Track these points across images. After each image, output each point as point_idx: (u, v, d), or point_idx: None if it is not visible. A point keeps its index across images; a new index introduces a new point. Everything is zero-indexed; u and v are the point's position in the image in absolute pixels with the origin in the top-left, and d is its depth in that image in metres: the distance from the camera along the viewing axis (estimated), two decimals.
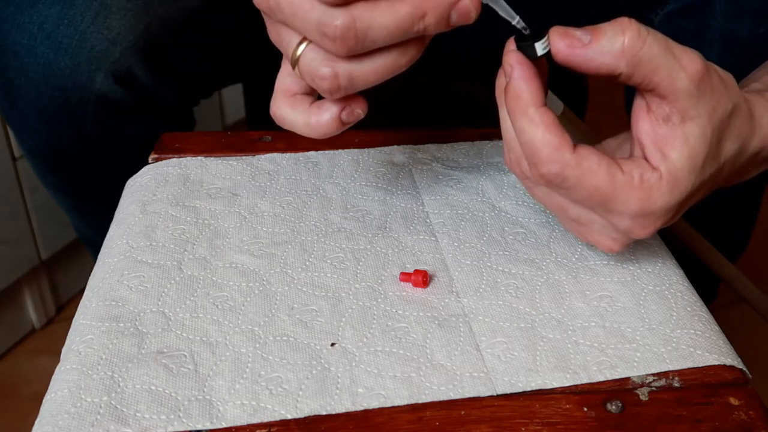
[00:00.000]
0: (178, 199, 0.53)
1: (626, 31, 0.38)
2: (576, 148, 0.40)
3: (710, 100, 0.40)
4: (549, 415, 0.39)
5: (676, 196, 0.40)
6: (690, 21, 0.64)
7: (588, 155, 0.40)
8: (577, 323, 0.44)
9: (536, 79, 0.40)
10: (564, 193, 0.41)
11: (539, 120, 0.39)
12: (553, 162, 0.39)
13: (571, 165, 0.39)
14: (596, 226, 0.43)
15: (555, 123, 0.39)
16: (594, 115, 0.74)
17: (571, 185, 0.40)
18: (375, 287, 0.46)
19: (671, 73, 0.38)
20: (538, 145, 0.39)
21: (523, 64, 0.40)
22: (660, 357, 0.41)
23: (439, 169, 0.57)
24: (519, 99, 0.40)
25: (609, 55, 0.38)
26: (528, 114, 0.39)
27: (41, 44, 0.61)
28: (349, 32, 0.36)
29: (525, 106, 0.40)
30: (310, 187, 0.55)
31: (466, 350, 0.42)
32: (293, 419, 0.38)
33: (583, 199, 0.41)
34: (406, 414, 0.39)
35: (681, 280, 0.47)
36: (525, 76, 0.40)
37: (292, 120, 0.42)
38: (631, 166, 0.40)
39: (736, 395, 0.40)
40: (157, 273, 0.47)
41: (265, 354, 0.41)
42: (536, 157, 0.40)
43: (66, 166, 0.71)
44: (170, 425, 0.38)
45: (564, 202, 0.42)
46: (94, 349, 0.42)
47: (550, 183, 0.41)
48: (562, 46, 0.39)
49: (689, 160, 0.40)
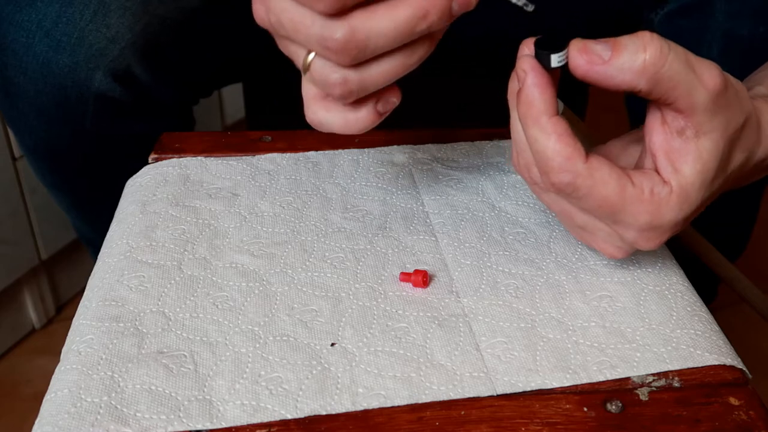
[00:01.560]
0: (178, 199, 0.53)
1: (648, 47, 0.37)
2: (588, 157, 0.39)
3: (725, 114, 0.39)
4: (549, 415, 0.39)
5: (684, 210, 0.40)
6: (690, 20, 0.64)
7: (600, 166, 0.39)
8: (577, 323, 0.44)
9: (550, 87, 0.39)
10: (573, 202, 0.41)
11: (551, 129, 0.39)
12: (564, 171, 0.39)
13: (583, 175, 0.39)
14: (601, 234, 0.43)
15: (567, 132, 0.39)
16: (594, 115, 0.74)
17: (581, 195, 0.40)
18: (375, 287, 0.46)
19: (690, 89, 0.38)
20: (549, 154, 0.39)
21: (536, 71, 0.39)
22: (660, 357, 0.41)
23: (439, 169, 0.57)
24: (531, 107, 0.39)
25: (629, 73, 0.38)
26: (540, 123, 0.39)
27: (40, 42, 0.61)
28: (349, 44, 0.36)
29: (537, 115, 0.39)
30: (310, 187, 0.55)
31: (466, 350, 0.42)
32: (293, 419, 0.38)
33: (592, 209, 0.41)
34: (406, 414, 0.39)
35: (681, 280, 0.47)
36: (538, 83, 0.39)
37: (330, 122, 0.42)
38: (642, 179, 0.40)
39: (736, 395, 0.40)
40: (157, 273, 0.47)
41: (265, 354, 0.41)
42: (548, 166, 0.39)
43: (65, 165, 0.71)
44: (170, 425, 0.38)
45: (571, 209, 0.42)
46: (94, 349, 0.42)
47: (560, 191, 0.40)
48: (581, 62, 0.38)
49: (700, 174, 0.40)
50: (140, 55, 0.63)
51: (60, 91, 0.63)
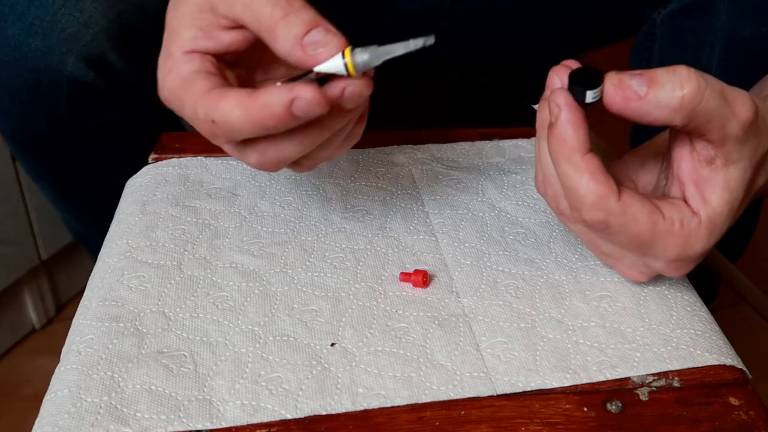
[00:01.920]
0: (178, 199, 0.53)
1: (685, 85, 0.37)
2: (621, 195, 0.39)
3: (753, 142, 0.39)
4: (549, 415, 0.39)
5: (711, 240, 0.40)
6: (692, 20, 0.64)
7: (632, 203, 0.39)
8: (577, 323, 0.44)
9: (584, 124, 0.39)
10: (603, 236, 0.41)
11: (584, 168, 0.39)
12: (597, 210, 0.39)
13: (616, 214, 0.39)
14: (627, 261, 0.43)
15: (600, 170, 0.39)
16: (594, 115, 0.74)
17: (613, 232, 0.40)
18: (375, 287, 0.46)
19: (724, 122, 0.38)
20: (582, 192, 0.39)
21: (571, 107, 0.39)
22: (660, 357, 0.41)
23: (439, 169, 0.57)
24: (564, 144, 0.39)
25: (666, 110, 0.37)
26: (573, 161, 0.39)
27: (12, 25, 0.61)
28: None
29: (570, 153, 0.39)
30: (310, 187, 0.55)
31: (466, 350, 0.42)
32: (293, 419, 0.38)
33: (623, 244, 0.41)
34: (406, 414, 0.39)
35: (681, 280, 0.47)
36: (572, 120, 0.39)
37: None
38: (672, 212, 0.40)
39: (736, 395, 0.40)
40: (157, 273, 0.47)
41: (265, 354, 0.41)
42: (580, 203, 0.39)
43: (45, 154, 0.70)
44: (170, 425, 0.38)
45: (599, 240, 0.43)
46: (94, 349, 0.42)
47: (591, 227, 0.40)
48: (618, 99, 0.38)
49: (728, 204, 0.40)
50: (115, 41, 0.63)
51: (33, 74, 0.62)
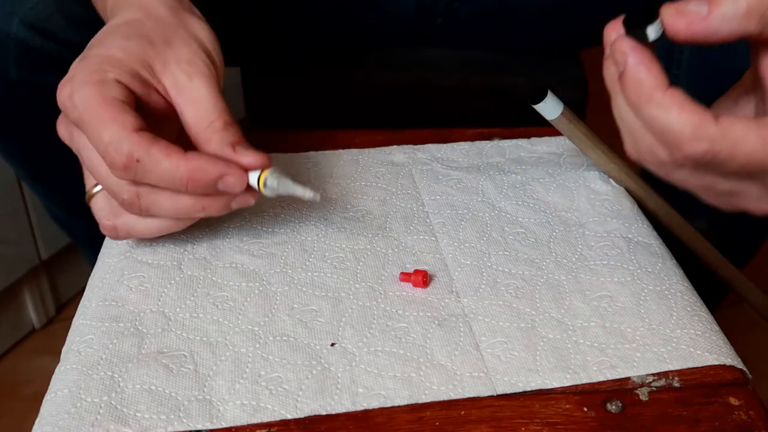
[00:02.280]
0: None
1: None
2: (718, 119, 0.37)
3: None
4: (549, 415, 0.39)
5: None
6: None
7: (732, 124, 0.37)
8: (577, 323, 0.44)
9: (655, 61, 0.37)
10: (713, 170, 0.39)
11: (670, 102, 0.37)
12: (698, 140, 0.37)
13: (719, 139, 0.37)
14: (754, 193, 0.40)
15: (688, 101, 0.37)
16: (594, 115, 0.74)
17: (722, 159, 0.37)
18: (375, 287, 0.46)
19: None
20: (676, 128, 0.37)
21: (637, 50, 0.37)
22: (660, 357, 0.41)
23: (439, 169, 0.57)
24: (641, 86, 0.37)
25: (735, 21, 0.35)
26: (656, 99, 0.37)
27: None
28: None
29: (650, 93, 0.37)
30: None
31: (466, 350, 0.42)
32: (293, 419, 0.38)
33: (738, 171, 0.38)
34: (406, 414, 0.39)
35: (681, 280, 0.47)
36: (643, 60, 0.37)
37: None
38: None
39: (736, 395, 0.40)
40: (157, 273, 0.47)
41: (265, 354, 0.41)
42: (678, 139, 0.37)
43: (6, 124, 0.69)
44: (170, 425, 0.38)
45: (712, 179, 0.40)
46: (94, 349, 0.42)
47: (698, 162, 0.38)
48: (681, 26, 0.36)
49: None
50: (61, 8, 0.62)
51: None
